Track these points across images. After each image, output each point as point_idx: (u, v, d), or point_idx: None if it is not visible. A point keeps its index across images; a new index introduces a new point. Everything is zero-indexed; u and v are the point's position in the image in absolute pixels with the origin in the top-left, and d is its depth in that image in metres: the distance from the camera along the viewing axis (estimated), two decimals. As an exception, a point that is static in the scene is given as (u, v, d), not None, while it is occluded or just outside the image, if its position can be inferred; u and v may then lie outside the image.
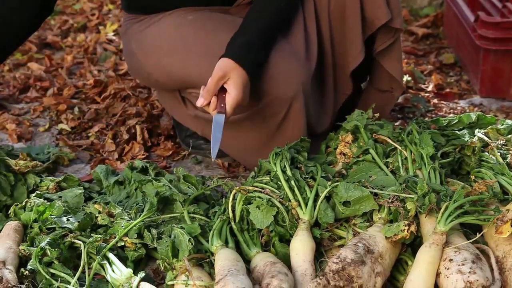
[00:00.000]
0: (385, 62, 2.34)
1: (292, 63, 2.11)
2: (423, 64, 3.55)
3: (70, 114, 2.97)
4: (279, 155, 1.95)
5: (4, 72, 3.57)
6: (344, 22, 2.21)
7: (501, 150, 2.03)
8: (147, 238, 1.83)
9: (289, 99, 2.12)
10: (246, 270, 1.66)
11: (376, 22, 2.20)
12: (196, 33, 2.19)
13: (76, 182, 2.25)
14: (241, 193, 1.87)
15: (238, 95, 1.95)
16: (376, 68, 2.40)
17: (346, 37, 2.24)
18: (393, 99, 2.48)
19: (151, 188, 2.04)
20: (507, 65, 2.96)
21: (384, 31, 2.26)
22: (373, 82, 2.47)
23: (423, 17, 4.23)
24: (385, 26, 2.23)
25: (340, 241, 1.82)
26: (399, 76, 2.37)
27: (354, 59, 2.26)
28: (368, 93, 2.50)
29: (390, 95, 2.45)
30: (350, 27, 2.21)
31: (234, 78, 1.95)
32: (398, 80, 2.38)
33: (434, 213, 1.71)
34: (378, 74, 2.42)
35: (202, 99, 1.96)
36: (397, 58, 2.35)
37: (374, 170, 1.96)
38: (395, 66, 2.35)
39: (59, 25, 4.45)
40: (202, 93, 1.96)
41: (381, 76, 2.42)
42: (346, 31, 2.23)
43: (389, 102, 2.49)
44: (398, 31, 2.27)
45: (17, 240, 1.90)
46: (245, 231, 1.83)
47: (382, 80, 2.42)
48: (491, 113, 2.87)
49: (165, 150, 2.63)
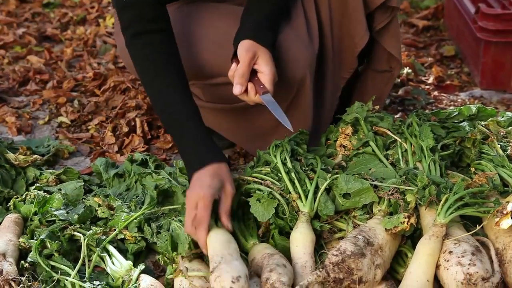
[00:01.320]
0: (384, 41, 2.35)
1: (299, 46, 2.11)
2: (424, 57, 3.54)
3: (70, 107, 2.97)
4: (279, 147, 1.95)
5: (4, 65, 3.56)
6: (346, 3, 2.21)
7: (501, 142, 2.03)
8: (147, 233, 1.83)
9: (297, 82, 2.12)
10: (239, 252, 1.65)
11: (375, 1, 2.21)
12: (192, 24, 2.18)
13: (76, 175, 2.25)
14: (239, 183, 1.87)
15: (272, 70, 1.90)
16: (374, 48, 2.40)
17: (349, 18, 2.24)
18: (392, 78, 2.49)
19: (150, 181, 2.04)
20: (507, 57, 2.95)
21: (381, 11, 2.27)
22: (371, 63, 2.47)
23: (424, 9, 4.21)
24: (382, 6, 2.24)
25: (340, 234, 1.82)
26: (398, 54, 2.38)
27: (361, 39, 2.27)
28: (366, 75, 2.50)
29: (389, 74, 2.46)
30: (353, 7, 2.21)
31: (262, 56, 1.90)
32: (397, 58, 2.38)
33: (434, 205, 1.71)
34: (376, 54, 2.42)
35: (239, 86, 1.88)
36: (395, 36, 2.36)
37: (374, 163, 1.96)
38: (394, 44, 2.36)
39: (58, 18, 4.43)
40: (237, 80, 1.88)
41: (379, 56, 2.42)
42: (348, 12, 2.23)
43: (388, 82, 2.50)
44: (394, 10, 2.29)
45: (17, 232, 1.91)
46: (241, 222, 1.83)
47: (381, 60, 2.43)
48: (492, 106, 2.86)
49: (165, 142, 2.63)
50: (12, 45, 3.88)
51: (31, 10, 4.63)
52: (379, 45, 2.37)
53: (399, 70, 2.49)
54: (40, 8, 4.70)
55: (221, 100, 2.23)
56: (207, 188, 1.72)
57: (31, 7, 4.72)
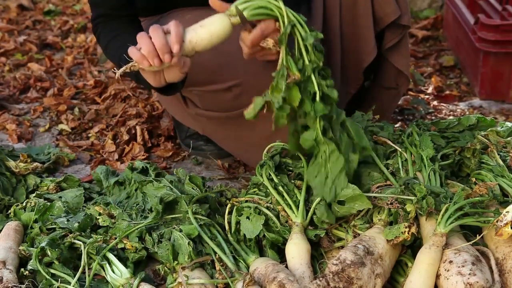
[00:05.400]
0: (393, 58, 2.37)
1: None
2: (423, 66, 3.55)
3: (70, 115, 2.97)
4: (264, 165, 1.96)
5: (5, 73, 3.58)
6: (356, 19, 2.23)
7: (500, 152, 2.04)
8: (148, 243, 1.83)
9: None
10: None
11: (385, 19, 2.24)
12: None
13: (76, 183, 2.25)
14: (234, 204, 1.88)
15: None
16: (382, 65, 2.42)
17: (358, 34, 2.25)
18: (398, 95, 2.51)
19: (151, 189, 2.04)
20: (506, 67, 2.96)
21: (392, 28, 2.29)
22: (378, 79, 2.49)
23: (423, 19, 4.24)
24: (393, 23, 2.25)
25: (340, 243, 1.82)
26: (407, 71, 2.41)
27: (368, 55, 2.28)
28: (373, 91, 2.52)
29: (395, 91, 2.48)
30: (362, 24, 2.23)
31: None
32: (405, 75, 2.41)
33: (434, 215, 1.72)
34: (384, 71, 2.44)
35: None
36: (405, 54, 2.39)
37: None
38: (403, 61, 2.39)
39: (59, 25, 4.45)
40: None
41: (387, 73, 2.44)
42: (358, 28, 2.24)
43: (395, 99, 2.53)
44: (405, 28, 2.30)
45: (17, 240, 1.91)
46: (242, 242, 1.84)
47: (388, 77, 2.44)
48: (491, 116, 2.87)
49: (165, 151, 2.64)
50: (13, 52, 3.90)
51: (32, 18, 4.65)
52: (387, 62, 2.39)
53: (406, 87, 2.52)
54: (41, 16, 4.72)
55: (217, 108, 2.24)
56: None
57: (32, 15, 4.74)
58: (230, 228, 1.88)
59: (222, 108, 2.23)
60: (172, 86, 1.91)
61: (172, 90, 1.95)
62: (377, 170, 1.97)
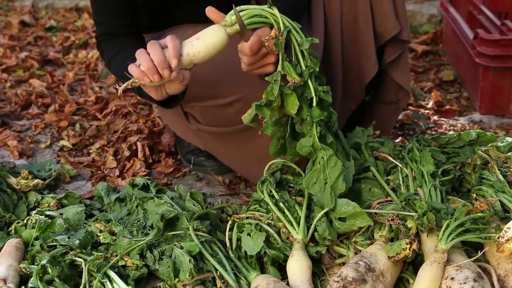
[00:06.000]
0: (393, 73, 2.38)
1: None
2: (423, 81, 3.56)
3: (72, 131, 2.98)
4: (265, 182, 1.96)
5: (6, 89, 3.59)
6: (357, 35, 2.24)
7: (501, 167, 2.04)
8: (149, 260, 1.83)
9: None
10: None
11: (386, 35, 2.25)
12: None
13: (77, 199, 2.25)
14: (235, 221, 1.88)
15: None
16: (383, 80, 2.43)
17: (359, 50, 2.27)
18: (398, 110, 2.52)
19: (152, 206, 2.04)
20: (506, 82, 2.97)
21: (392, 43, 2.30)
22: (378, 94, 2.50)
23: (423, 34, 4.26)
24: (393, 38, 2.27)
25: (341, 259, 1.82)
26: (408, 86, 2.42)
27: (370, 71, 2.30)
28: (373, 106, 2.53)
29: (395, 106, 2.49)
30: (363, 40, 2.25)
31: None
32: (406, 90, 2.42)
33: (435, 231, 1.71)
34: (385, 86, 2.45)
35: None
36: (405, 69, 2.40)
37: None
38: (403, 76, 2.40)
39: (60, 41, 4.48)
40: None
41: (387, 88, 2.45)
42: (359, 44, 2.26)
43: (395, 114, 2.53)
44: (405, 43, 2.32)
45: (18, 257, 1.90)
46: (243, 258, 1.84)
47: (389, 92, 2.45)
48: (491, 130, 2.88)
49: (166, 167, 2.64)
50: (14, 68, 3.92)
51: (33, 34, 4.68)
52: (388, 77, 2.40)
53: (407, 101, 2.53)
54: (42, 32, 4.75)
55: (218, 123, 2.25)
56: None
57: (34, 31, 4.77)
58: (231, 245, 1.87)
59: (223, 123, 2.23)
60: (174, 98, 1.93)
61: (174, 102, 1.97)
62: (378, 186, 1.97)
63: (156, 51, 1.71)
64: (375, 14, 2.22)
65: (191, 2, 2.24)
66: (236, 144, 2.28)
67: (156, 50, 1.72)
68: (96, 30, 2.18)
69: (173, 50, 1.72)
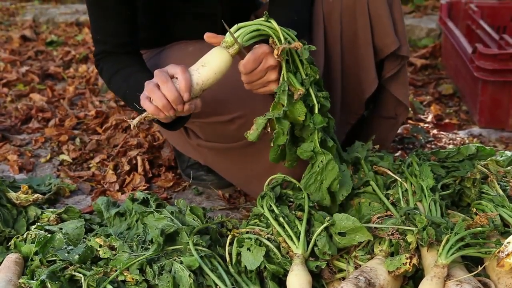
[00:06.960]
0: (392, 88, 2.39)
1: None
2: (422, 95, 3.58)
3: (72, 145, 2.99)
4: (265, 196, 1.97)
5: (6, 103, 3.60)
6: (357, 50, 2.26)
7: (501, 182, 2.04)
8: (149, 275, 1.82)
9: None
10: None
11: (385, 50, 2.26)
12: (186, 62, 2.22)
13: (77, 214, 2.25)
14: (235, 235, 1.88)
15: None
16: (381, 95, 2.44)
17: (359, 65, 2.28)
18: (397, 125, 2.53)
19: (152, 220, 2.04)
20: (505, 96, 2.99)
21: (391, 59, 2.31)
22: (377, 109, 2.51)
23: (422, 48, 4.28)
24: (392, 54, 2.28)
25: (341, 274, 1.81)
26: (407, 101, 2.43)
27: (369, 86, 2.31)
28: (372, 120, 2.53)
29: (394, 121, 2.50)
30: (362, 55, 2.26)
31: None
32: (404, 105, 2.43)
33: (435, 245, 1.71)
34: (383, 101, 2.46)
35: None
36: (404, 84, 2.41)
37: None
38: (402, 91, 2.41)
39: (61, 56, 4.50)
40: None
41: (386, 102, 2.46)
42: (358, 59, 2.27)
43: (393, 129, 2.54)
44: (404, 58, 2.33)
45: (17, 272, 1.90)
46: (243, 273, 1.83)
47: (387, 107, 2.46)
48: (490, 144, 2.88)
49: (166, 181, 2.64)
50: (15, 83, 3.93)
51: (34, 48, 4.71)
52: (387, 92, 2.41)
53: (405, 116, 2.54)
54: (43, 47, 4.77)
55: (218, 139, 2.25)
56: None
57: (35, 45, 4.80)
58: (231, 260, 1.87)
59: (224, 139, 2.24)
60: (179, 119, 1.96)
61: (179, 124, 2.01)
62: (378, 200, 1.97)
63: (169, 88, 1.74)
64: (375, 30, 2.23)
65: (191, 18, 2.25)
66: (237, 160, 2.28)
67: (168, 86, 1.74)
68: (94, 48, 2.19)
69: (185, 83, 1.75)
